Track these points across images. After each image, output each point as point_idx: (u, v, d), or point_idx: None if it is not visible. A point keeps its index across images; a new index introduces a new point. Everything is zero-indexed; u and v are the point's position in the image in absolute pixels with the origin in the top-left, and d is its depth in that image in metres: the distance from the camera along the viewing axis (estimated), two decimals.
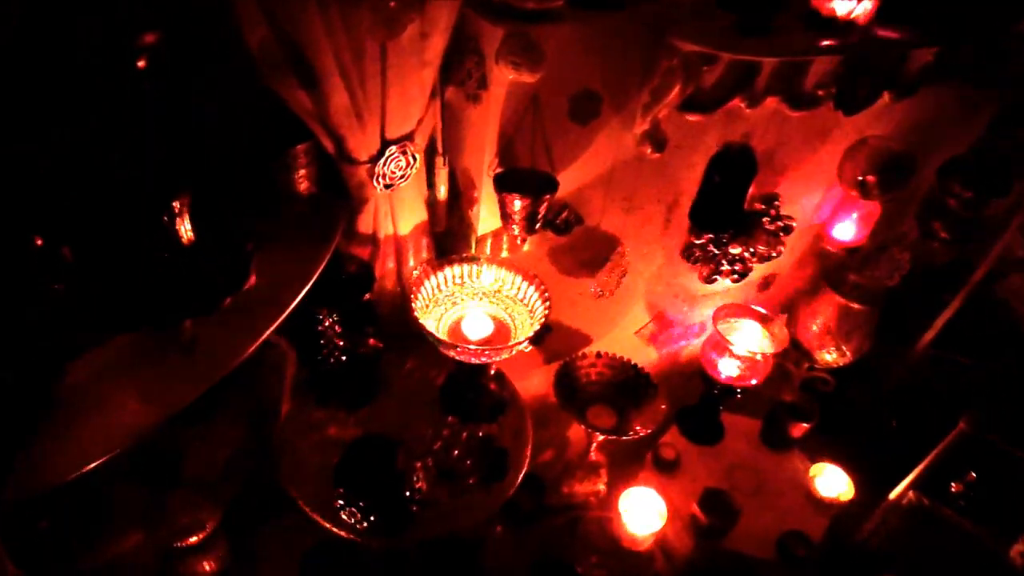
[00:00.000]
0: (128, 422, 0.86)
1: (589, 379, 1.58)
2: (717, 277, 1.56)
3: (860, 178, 1.43)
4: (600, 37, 1.12)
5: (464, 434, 1.26)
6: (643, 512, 1.48)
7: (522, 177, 1.18)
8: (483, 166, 1.19)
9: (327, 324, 1.14)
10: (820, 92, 1.35)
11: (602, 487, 1.64)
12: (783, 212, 1.52)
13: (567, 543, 1.55)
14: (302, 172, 1.05)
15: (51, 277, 0.86)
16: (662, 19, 1.13)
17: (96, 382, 0.87)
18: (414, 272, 1.20)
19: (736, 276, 1.57)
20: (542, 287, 1.19)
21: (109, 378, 0.88)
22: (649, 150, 1.25)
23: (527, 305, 1.22)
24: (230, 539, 1.21)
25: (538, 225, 1.19)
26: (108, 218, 0.81)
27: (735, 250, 1.53)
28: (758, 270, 1.62)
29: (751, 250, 1.52)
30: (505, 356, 1.14)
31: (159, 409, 0.88)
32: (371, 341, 1.21)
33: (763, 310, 1.57)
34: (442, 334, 1.20)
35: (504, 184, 1.15)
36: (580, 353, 1.54)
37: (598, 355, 1.56)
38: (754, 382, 1.59)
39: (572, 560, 1.51)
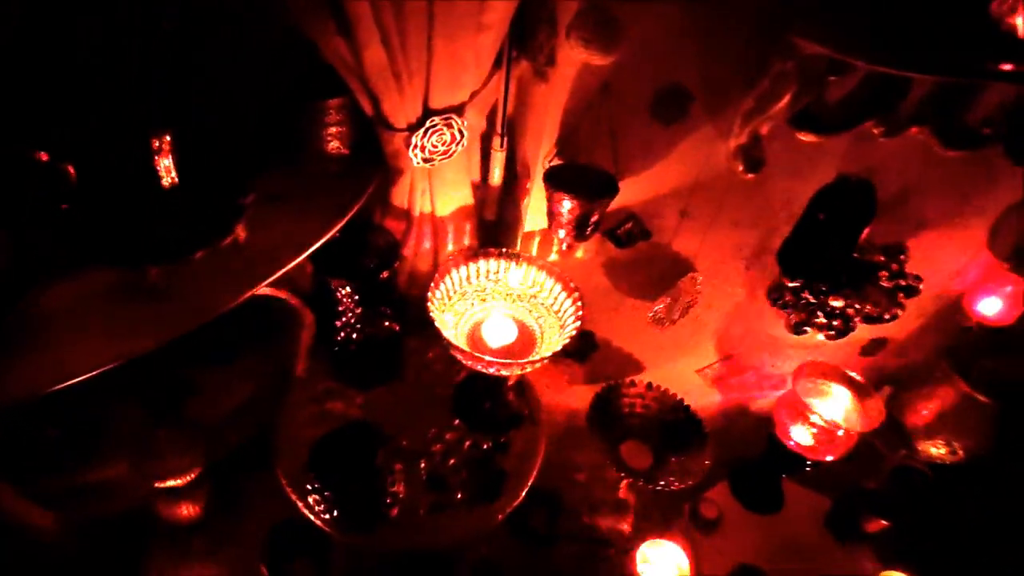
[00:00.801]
0: (83, 358, 0.80)
1: (633, 410, 1.39)
2: (808, 329, 1.30)
3: (1017, 249, 1.12)
4: (700, 24, 0.92)
5: (467, 443, 1.13)
6: (663, 569, 1.29)
7: (578, 175, 1.00)
8: (539, 155, 1.03)
9: (342, 296, 1.05)
10: (986, 131, 1.06)
11: (627, 528, 1.45)
12: (909, 270, 1.24)
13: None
14: (332, 130, 0.94)
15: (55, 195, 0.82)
16: (783, 8, 0.90)
17: (66, 313, 0.83)
18: (448, 259, 1.07)
19: (833, 333, 1.30)
20: (579, 302, 1.02)
21: (80, 311, 0.83)
22: (741, 168, 1.03)
23: (560, 318, 1.06)
24: (215, 487, 1.16)
25: (589, 232, 1.02)
26: (90, 146, 0.75)
27: (836, 303, 1.26)
28: (864, 330, 1.34)
29: (857, 307, 1.25)
30: (516, 372, 0.99)
31: (117, 349, 0.81)
32: (387, 323, 1.10)
33: (860, 378, 1.29)
34: (460, 332, 1.07)
35: (555, 180, 0.98)
36: (629, 380, 1.35)
37: (649, 387, 1.36)
38: (829, 458, 1.33)
39: None
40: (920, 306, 1.30)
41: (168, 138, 0.71)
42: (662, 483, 1.25)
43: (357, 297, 1.03)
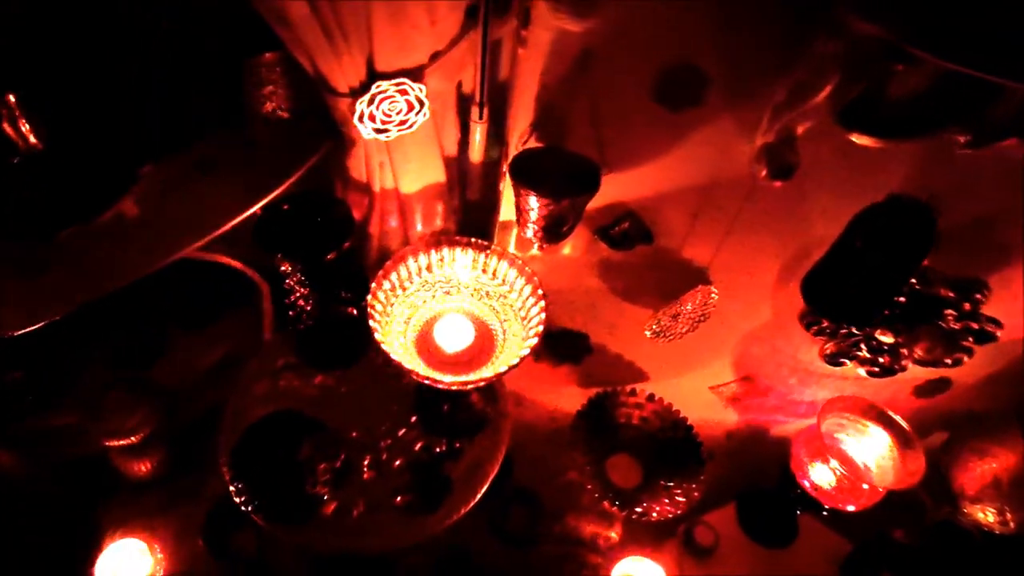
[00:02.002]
0: None
1: (629, 421, 1.22)
2: (846, 362, 1.07)
3: None
4: None
5: (419, 444, 1.01)
6: None
7: (556, 164, 0.81)
8: (512, 136, 0.84)
9: (289, 277, 0.92)
10: None
11: (614, 536, 1.31)
12: (986, 310, 0.97)
13: None
14: (266, 90, 0.80)
15: None
16: None
17: None
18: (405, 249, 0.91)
19: (877, 370, 1.06)
20: (542, 314, 0.85)
21: None
22: (765, 173, 0.80)
23: (525, 326, 0.89)
24: (176, 446, 1.11)
25: (563, 233, 0.84)
26: None
27: (885, 338, 1.01)
28: (921, 369, 1.09)
29: (909, 349, 1.00)
30: (457, 387, 0.83)
31: (22, 318, 0.74)
32: (343, 307, 0.97)
33: (905, 425, 1.06)
34: (412, 328, 0.93)
35: (522, 170, 0.80)
36: (630, 388, 1.18)
37: (651, 398, 1.18)
38: (850, 509, 1.12)
39: None
40: (994, 352, 1.03)
41: (12, 98, 0.59)
42: (639, 510, 1.09)
43: (305, 279, 0.91)
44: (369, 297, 0.85)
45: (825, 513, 1.17)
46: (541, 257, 0.92)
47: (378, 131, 0.82)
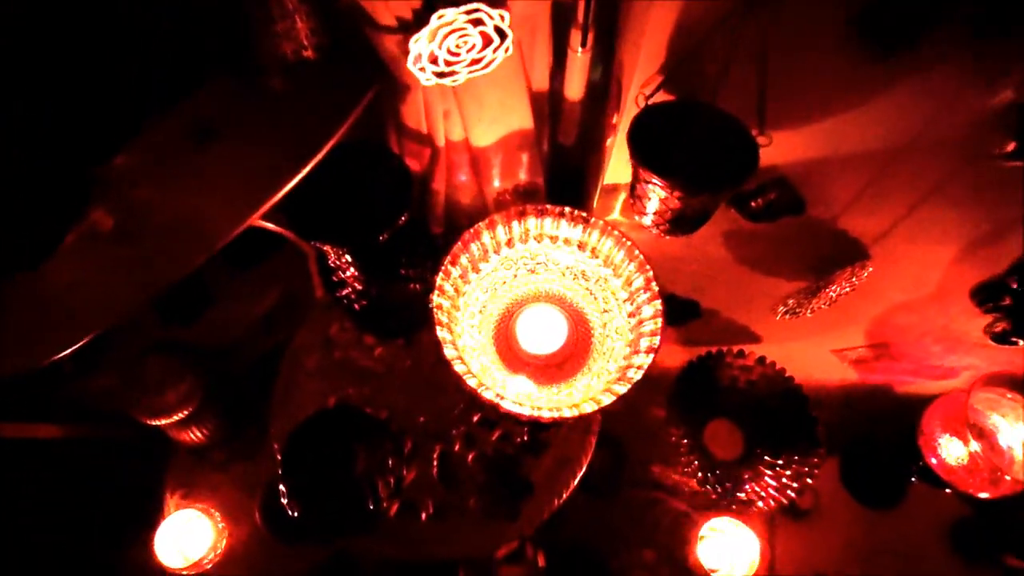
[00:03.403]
0: None
1: (734, 384, 1.05)
2: (1018, 340, 0.85)
3: None
4: None
5: (496, 433, 0.87)
6: (730, 553, 1.05)
7: (691, 126, 0.57)
8: (632, 80, 0.59)
9: (337, 260, 0.74)
10: None
11: (696, 482, 1.20)
12: None
13: (625, 525, 1.19)
14: (281, 26, 0.56)
15: None
16: None
17: None
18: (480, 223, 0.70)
19: None
20: (657, 320, 0.65)
21: None
22: (1010, 148, 0.54)
23: (635, 328, 0.70)
24: (227, 407, 1.01)
25: (691, 228, 0.61)
26: None
27: None
28: None
29: None
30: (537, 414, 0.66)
31: None
32: (405, 285, 0.79)
33: None
34: (487, 318, 0.75)
35: (645, 139, 0.56)
36: (738, 349, 0.99)
37: (761, 361, 1.00)
38: (983, 496, 0.96)
39: (612, 550, 1.16)
40: None
41: None
42: (741, 496, 0.95)
43: (354, 260, 0.72)
44: (435, 295, 0.66)
45: (948, 492, 1.02)
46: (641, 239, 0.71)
47: (441, 75, 0.59)
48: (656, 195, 0.56)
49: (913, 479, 1.08)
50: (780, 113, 0.59)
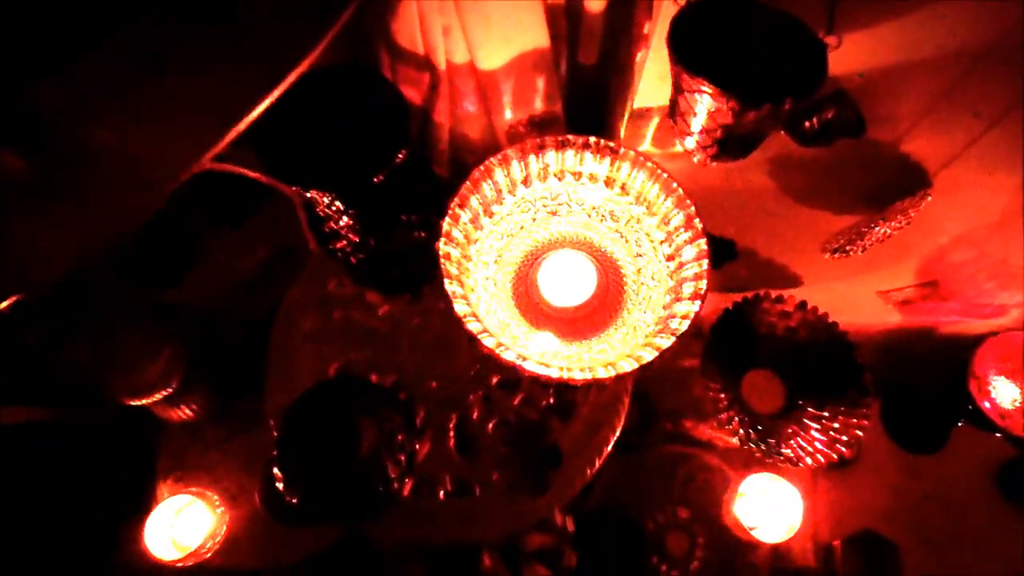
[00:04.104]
0: None
1: (773, 332, 0.97)
2: None
3: None
4: None
5: (519, 396, 0.79)
6: (769, 514, 1.00)
7: (742, 30, 0.48)
8: None
9: (325, 207, 0.65)
10: None
11: (734, 441, 1.14)
12: None
13: (657, 483, 1.13)
14: None
15: None
16: None
17: None
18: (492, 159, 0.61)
19: None
20: (703, 261, 0.57)
21: None
22: None
23: (674, 274, 0.62)
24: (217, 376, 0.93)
25: (744, 151, 0.53)
26: None
27: None
28: None
29: None
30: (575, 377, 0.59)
31: None
32: (406, 233, 0.71)
33: None
34: (504, 267, 0.67)
35: (690, 41, 0.47)
36: (776, 294, 0.92)
37: (802, 306, 0.92)
38: None
39: (644, 510, 1.10)
40: None
41: None
42: (787, 451, 0.89)
43: (345, 208, 0.63)
44: (441, 243, 0.58)
45: (999, 435, 0.96)
46: (688, 161, 0.62)
47: None
48: (704, 109, 0.48)
49: (960, 423, 1.03)
50: (847, 9, 0.51)
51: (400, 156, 0.60)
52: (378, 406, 0.71)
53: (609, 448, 0.77)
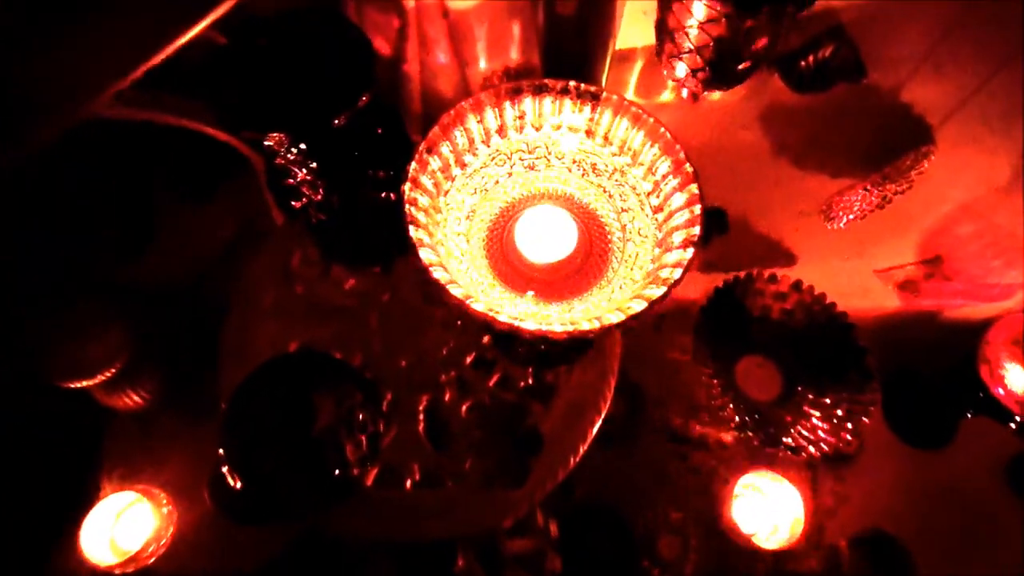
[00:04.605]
0: None
1: (766, 314, 0.92)
2: None
3: None
4: None
5: (495, 377, 0.74)
6: (767, 508, 0.93)
7: None
8: None
9: (284, 153, 0.60)
10: None
11: (728, 438, 1.08)
12: None
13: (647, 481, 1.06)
14: None
15: None
16: None
17: None
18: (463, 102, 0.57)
19: None
20: (696, 205, 0.53)
21: None
22: None
23: (660, 218, 0.58)
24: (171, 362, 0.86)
25: (740, 72, 0.49)
26: None
27: None
28: None
29: None
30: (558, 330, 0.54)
31: None
32: (380, 194, 0.66)
33: None
34: (477, 226, 0.62)
35: None
36: (770, 273, 0.87)
37: (796, 286, 0.88)
38: None
39: (633, 511, 1.04)
40: None
41: None
42: (788, 441, 0.84)
43: (306, 158, 0.59)
44: (406, 187, 0.53)
45: (1013, 425, 0.92)
46: (677, 108, 0.58)
47: None
48: (695, 22, 0.43)
49: (969, 414, 0.98)
50: None
51: (363, 99, 0.55)
52: (338, 382, 0.65)
53: (594, 432, 0.71)
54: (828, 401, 0.82)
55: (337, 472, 0.61)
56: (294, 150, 0.58)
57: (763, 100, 0.62)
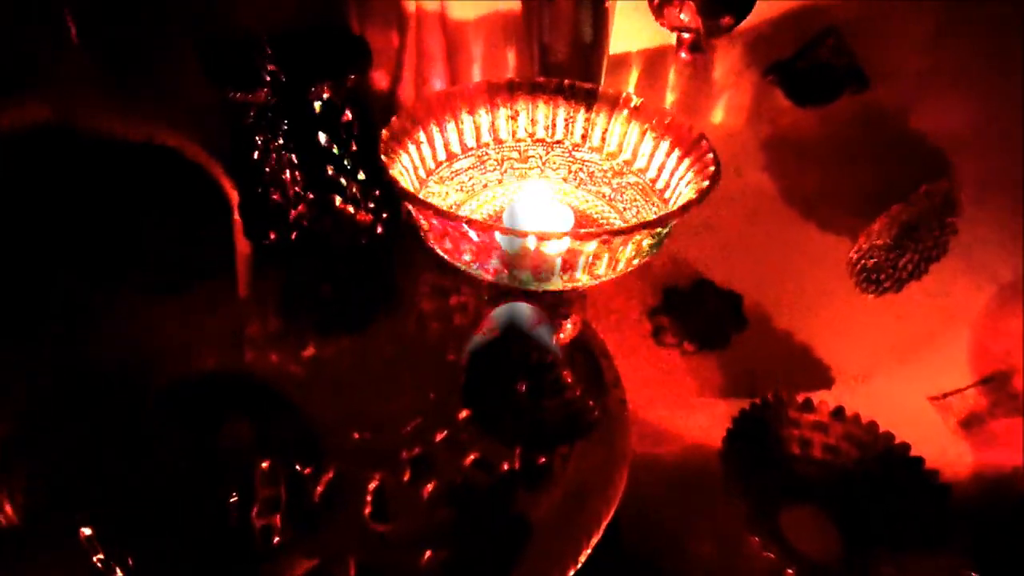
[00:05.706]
0: None
1: (806, 449, 0.76)
2: None
3: None
4: None
5: (470, 457, 0.58)
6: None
7: None
8: None
9: (262, 149, 0.57)
10: None
11: None
12: None
13: None
14: None
15: None
16: None
17: None
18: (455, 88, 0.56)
19: None
20: (713, 166, 0.47)
21: None
22: None
23: (664, 197, 0.51)
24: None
25: (732, 23, 0.48)
26: None
27: None
28: None
29: None
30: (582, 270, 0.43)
31: None
32: (358, 215, 0.60)
33: None
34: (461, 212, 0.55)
35: None
36: (803, 398, 0.74)
37: (837, 413, 0.74)
38: None
39: None
40: None
41: None
42: None
43: (288, 141, 0.55)
44: (385, 132, 0.48)
45: None
46: (674, 103, 0.56)
47: None
48: None
49: None
50: None
51: (351, 78, 0.54)
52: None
53: (604, 524, 0.52)
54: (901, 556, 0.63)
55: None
56: (269, 114, 0.54)
57: (764, 124, 0.60)
